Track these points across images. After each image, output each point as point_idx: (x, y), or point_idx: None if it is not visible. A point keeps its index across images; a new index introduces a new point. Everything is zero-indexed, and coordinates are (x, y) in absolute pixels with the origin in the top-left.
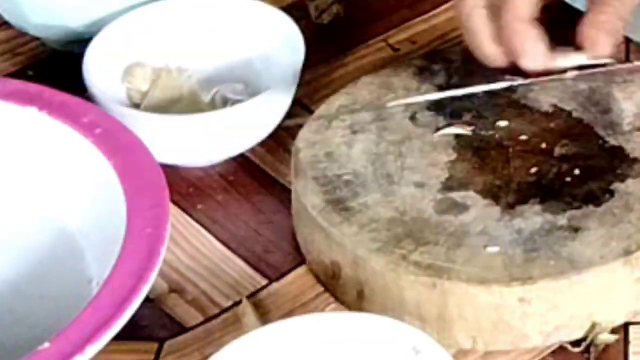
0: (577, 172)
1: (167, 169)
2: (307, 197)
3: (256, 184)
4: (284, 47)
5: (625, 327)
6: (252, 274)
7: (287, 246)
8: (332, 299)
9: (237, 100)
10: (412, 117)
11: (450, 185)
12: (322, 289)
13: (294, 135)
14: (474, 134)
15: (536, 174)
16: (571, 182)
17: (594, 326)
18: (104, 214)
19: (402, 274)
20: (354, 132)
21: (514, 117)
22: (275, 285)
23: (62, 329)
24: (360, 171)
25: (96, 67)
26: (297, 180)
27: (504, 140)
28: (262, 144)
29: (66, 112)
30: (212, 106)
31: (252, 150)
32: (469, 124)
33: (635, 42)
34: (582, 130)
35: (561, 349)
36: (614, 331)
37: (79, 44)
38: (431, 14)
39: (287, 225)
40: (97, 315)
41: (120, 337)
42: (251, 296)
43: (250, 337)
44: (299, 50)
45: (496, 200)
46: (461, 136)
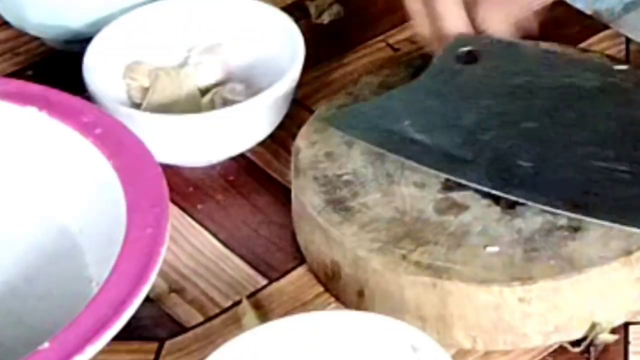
0: None
1: (167, 169)
2: (307, 197)
3: (256, 184)
4: (284, 47)
5: (625, 327)
6: (252, 273)
7: (287, 246)
8: (332, 299)
9: (236, 100)
10: None
11: (450, 185)
12: (322, 289)
13: (294, 135)
14: None
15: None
16: None
17: (594, 326)
18: (104, 214)
19: (402, 274)
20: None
21: None
22: (275, 285)
23: (62, 329)
24: (360, 171)
25: (96, 67)
26: (297, 180)
27: None
28: (262, 144)
29: (66, 112)
30: (211, 106)
31: (252, 150)
32: None
33: (635, 42)
34: None
35: (561, 349)
36: (614, 331)
37: (79, 43)
38: None
39: (287, 225)
40: (97, 315)
41: (120, 337)
42: (251, 296)
43: (249, 335)
44: (299, 50)
45: (496, 200)
46: None
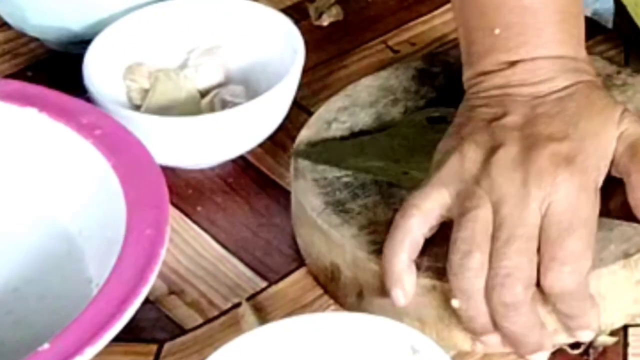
0: None
1: (167, 170)
2: (307, 199)
3: (256, 186)
4: (283, 49)
5: (624, 329)
6: (251, 276)
7: (287, 248)
8: (331, 301)
9: (236, 102)
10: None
11: None
12: (321, 291)
13: (294, 137)
14: None
15: None
16: None
17: None
18: (104, 215)
19: None
20: (354, 133)
21: None
22: (274, 287)
23: (61, 330)
24: (359, 173)
25: (96, 69)
26: (297, 182)
27: None
28: (261, 146)
29: (66, 113)
30: (211, 108)
31: (251, 152)
32: None
33: (634, 45)
34: None
35: (560, 351)
36: (613, 333)
37: (79, 45)
38: (430, 15)
39: (287, 227)
40: (97, 316)
41: (119, 338)
42: (251, 298)
43: (249, 337)
44: (299, 52)
45: None
46: None
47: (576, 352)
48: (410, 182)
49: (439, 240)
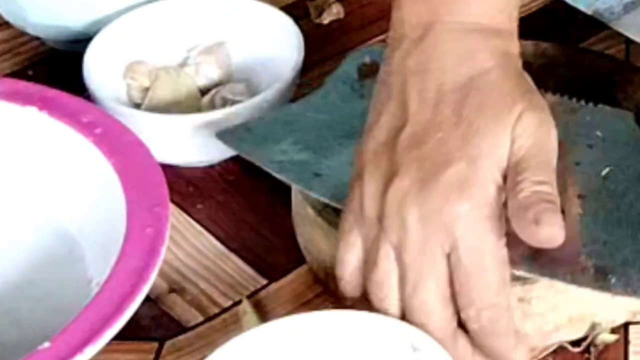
0: None
1: (167, 168)
2: (307, 197)
3: (256, 184)
4: (284, 47)
5: (625, 327)
6: (252, 273)
7: (287, 246)
8: (332, 299)
9: (237, 100)
10: None
11: None
12: (322, 288)
13: None
14: None
15: None
16: None
17: (594, 326)
18: (104, 214)
19: None
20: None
21: None
22: (275, 285)
23: (62, 329)
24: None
25: (96, 67)
26: None
27: None
28: None
29: (66, 112)
30: (211, 106)
31: None
32: None
33: (635, 42)
34: None
35: (561, 349)
36: (614, 331)
37: (79, 43)
38: None
39: (287, 225)
40: (97, 315)
41: (120, 336)
42: (251, 296)
43: (249, 335)
44: (299, 50)
45: None
46: None
47: (577, 349)
48: (319, 190)
49: None
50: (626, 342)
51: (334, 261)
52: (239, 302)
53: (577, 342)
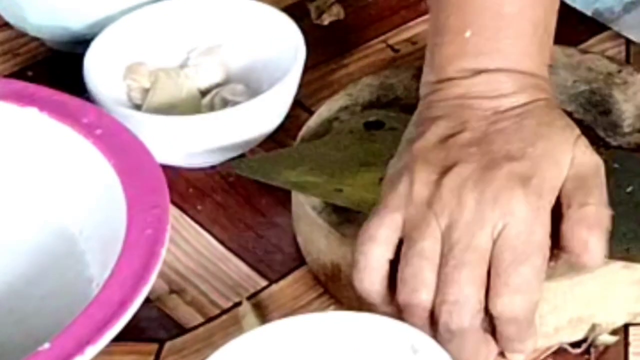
0: None
1: (168, 169)
2: (307, 198)
3: (256, 185)
4: (284, 48)
5: (625, 328)
6: (252, 275)
7: (287, 247)
8: (332, 300)
9: (237, 101)
10: None
11: None
12: (322, 289)
13: (294, 136)
14: None
15: None
16: None
17: (594, 327)
18: (104, 214)
19: None
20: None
21: None
22: (275, 286)
23: (62, 329)
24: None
25: (97, 68)
26: None
27: None
28: (262, 145)
29: (66, 113)
30: (211, 107)
31: (252, 151)
32: None
33: (635, 43)
34: (583, 131)
35: (561, 351)
36: (614, 332)
37: (79, 44)
38: None
39: (287, 226)
40: (98, 316)
41: (120, 338)
42: (251, 297)
43: (249, 336)
44: (300, 51)
45: None
46: None
47: (577, 351)
48: (344, 200)
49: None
50: (626, 344)
51: (334, 261)
52: (239, 304)
53: (577, 344)
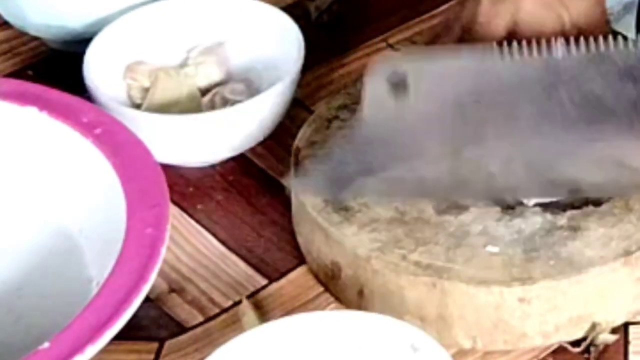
0: None
1: (167, 169)
2: (307, 197)
3: (256, 184)
4: (284, 47)
5: (625, 327)
6: (252, 274)
7: (287, 246)
8: (332, 299)
9: (237, 100)
10: None
11: None
12: (322, 289)
13: (294, 135)
14: None
15: None
16: None
17: (594, 326)
18: (104, 214)
19: (402, 273)
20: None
21: None
22: (275, 285)
23: (62, 329)
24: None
25: (96, 67)
26: (297, 179)
27: None
28: (262, 144)
29: (66, 112)
30: (212, 106)
31: (252, 150)
32: None
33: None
34: None
35: (561, 349)
36: (614, 331)
37: (79, 43)
38: (431, 14)
39: (287, 225)
40: (97, 315)
41: (120, 337)
42: (251, 296)
43: (249, 335)
44: (299, 50)
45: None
46: None
47: (577, 350)
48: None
49: (439, 239)
50: (626, 342)
51: (334, 260)
52: (239, 302)
53: (577, 342)
